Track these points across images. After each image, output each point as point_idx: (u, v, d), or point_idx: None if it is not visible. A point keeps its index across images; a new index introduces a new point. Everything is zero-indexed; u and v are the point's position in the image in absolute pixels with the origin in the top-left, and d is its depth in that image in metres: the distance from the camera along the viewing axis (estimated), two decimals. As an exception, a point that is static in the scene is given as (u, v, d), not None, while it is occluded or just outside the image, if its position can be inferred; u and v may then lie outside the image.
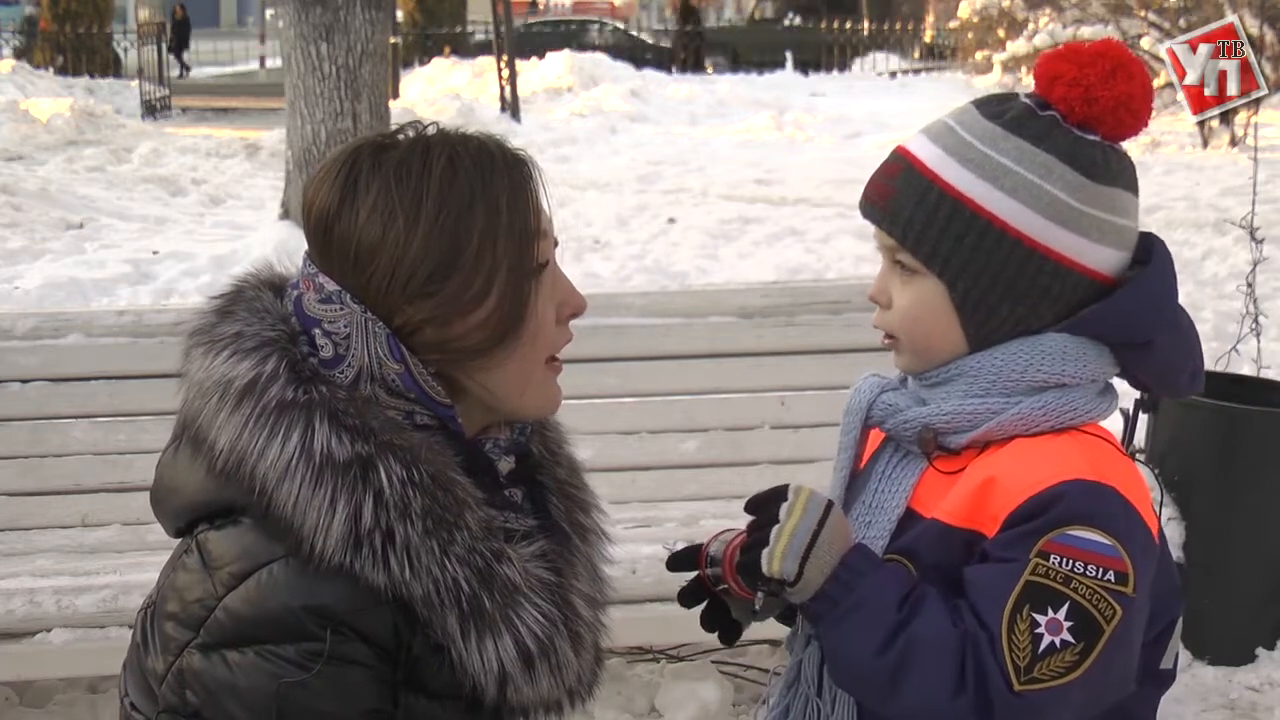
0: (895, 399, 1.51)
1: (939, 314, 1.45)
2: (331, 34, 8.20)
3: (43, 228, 9.60)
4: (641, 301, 3.63)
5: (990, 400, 1.43)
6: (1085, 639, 1.32)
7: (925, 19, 32.84)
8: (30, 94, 16.92)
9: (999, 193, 1.41)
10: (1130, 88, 1.43)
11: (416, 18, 29.00)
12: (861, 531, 1.49)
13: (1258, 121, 6.47)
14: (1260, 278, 4.35)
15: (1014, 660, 1.32)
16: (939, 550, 1.42)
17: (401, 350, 1.33)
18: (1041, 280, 1.42)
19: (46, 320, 3.45)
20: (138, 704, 1.40)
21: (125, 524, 3.30)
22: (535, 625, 1.35)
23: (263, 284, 1.43)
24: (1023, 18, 18.84)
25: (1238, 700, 3.50)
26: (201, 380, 1.35)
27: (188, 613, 1.32)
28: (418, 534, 1.29)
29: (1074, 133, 1.43)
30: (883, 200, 1.47)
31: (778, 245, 9.22)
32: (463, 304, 1.33)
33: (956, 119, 1.47)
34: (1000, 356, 1.43)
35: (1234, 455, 3.62)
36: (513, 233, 1.35)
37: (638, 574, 3.02)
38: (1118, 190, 1.44)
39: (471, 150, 1.36)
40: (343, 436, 1.29)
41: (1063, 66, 1.44)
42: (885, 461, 1.52)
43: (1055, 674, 1.32)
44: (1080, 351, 1.43)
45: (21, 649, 2.91)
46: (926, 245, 1.43)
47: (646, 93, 20.00)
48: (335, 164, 1.37)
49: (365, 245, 1.32)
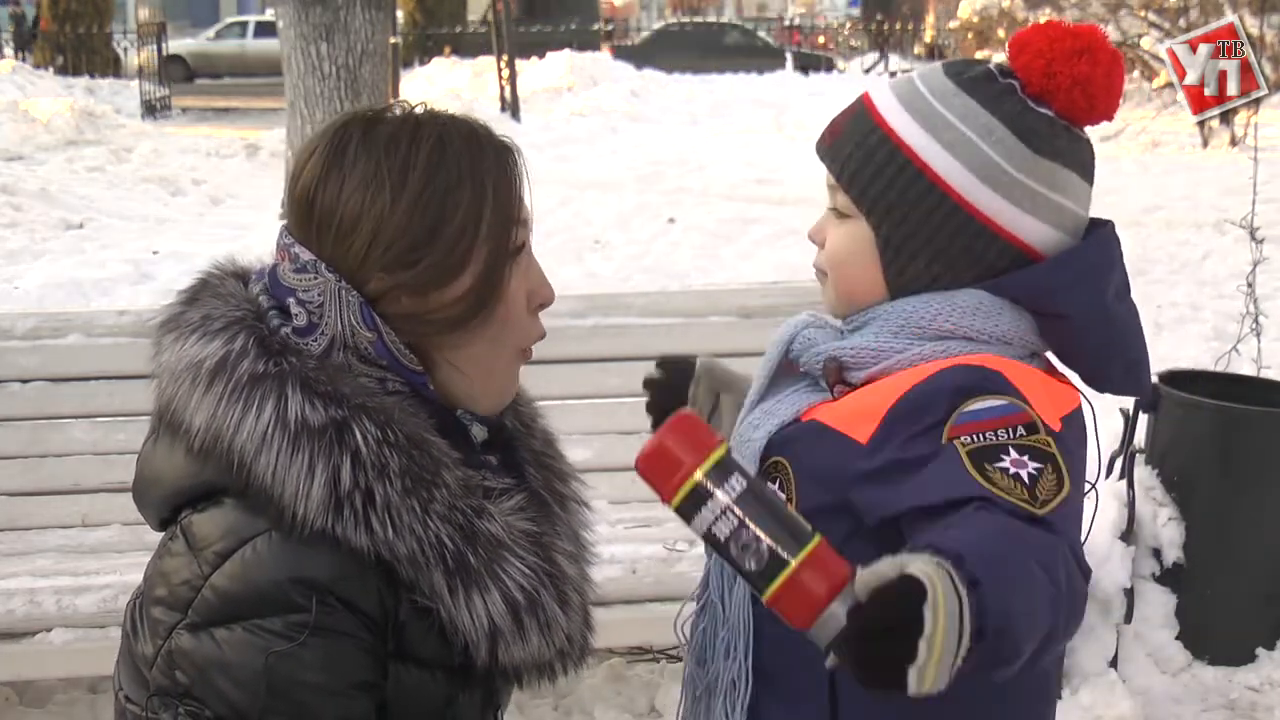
0: (814, 334, 1.52)
1: (863, 257, 1.46)
2: (331, 34, 8.20)
3: (43, 228, 9.61)
4: (641, 301, 3.63)
5: (896, 341, 1.43)
6: (1046, 461, 1.28)
7: (925, 19, 32.84)
8: (30, 94, 16.92)
9: (936, 145, 1.42)
10: (1092, 71, 1.42)
11: (416, 18, 29.02)
12: (748, 433, 1.49)
13: (1258, 121, 6.47)
14: (1260, 278, 4.35)
15: (1016, 498, 1.24)
16: (811, 449, 1.41)
17: (374, 318, 1.34)
18: (962, 239, 1.42)
19: (46, 320, 3.45)
20: (131, 695, 1.40)
21: (125, 524, 3.29)
22: (521, 578, 1.35)
23: (227, 274, 1.45)
24: (1023, 18, 18.83)
25: (1238, 700, 3.50)
26: (173, 365, 1.36)
27: (175, 595, 1.33)
28: (397, 493, 1.30)
29: (1026, 102, 1.43)
30: (831, 138, 1.50)
31: (778, 245, 9.23)
32: (440, 277, 1.34)
33: (920, 74, 1.49)
34: (914, 303, 1.44)
35: (1234, 455, 3.61)
36: (496, 214, 1.37)
37: (638, 574, 3.02)
38: (1058, 166, 1.43)
39: (461, 131, 1.38)
40: (315, 403, 1.30)
41: (1033, 37, 1.45)
42: (797, 387, 1.52)
43: (1053, 491, 1.26)
44: (994, 309, 1.42)
45: (21, 649, 2.91)
46: (858, 185, 1.45)
47: (646, 93, 20.02)
48: (324, 137, 1.38)
49: (349, 214, 1.33)
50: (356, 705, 1.31)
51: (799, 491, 1.42)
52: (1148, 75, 15.88)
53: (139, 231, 9.79)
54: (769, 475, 1.44)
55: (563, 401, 3.36)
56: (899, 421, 1.34)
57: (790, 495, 1.42)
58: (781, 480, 1.44)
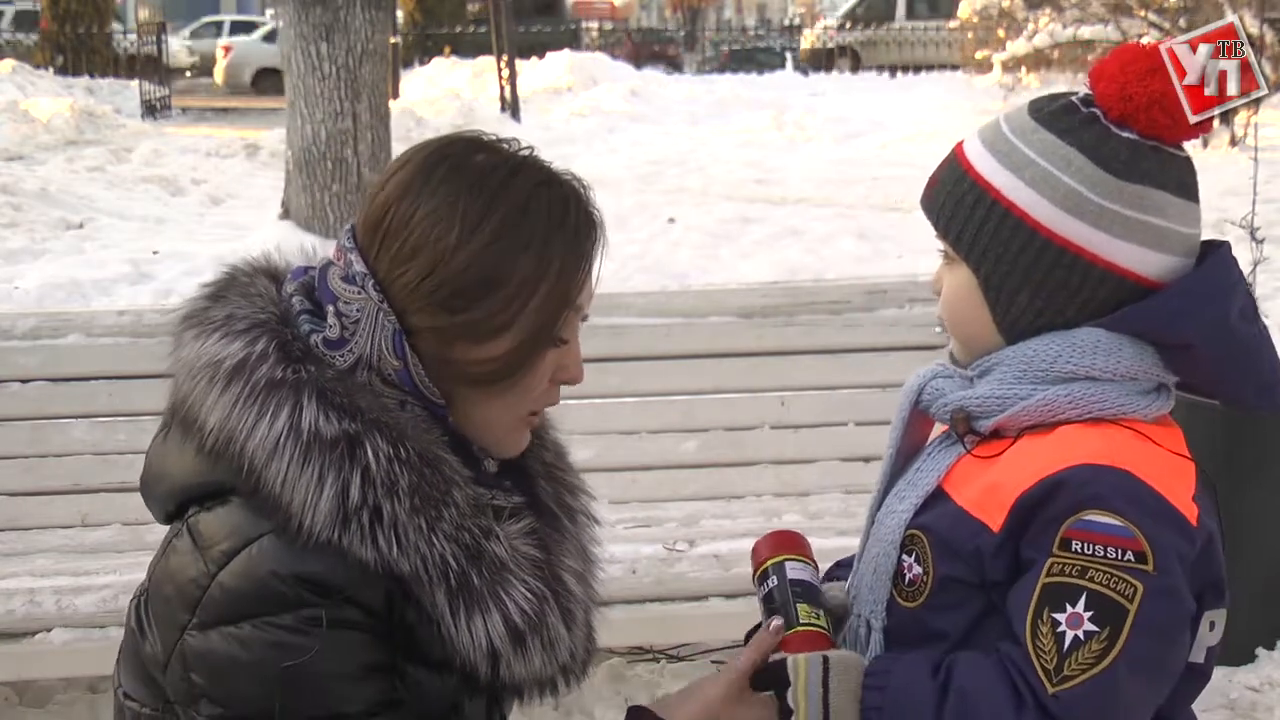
0: (942, 384, 1.55)
1: (971, 301, 1.50)
2: (331, 34, 8.20)
3: (43, 228, 9.61)
4: (641, 301, 3.63)
5: (1019, 387, 1.46)
6: (1109, 624, 1.34)
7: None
8: (30, 94, 16.92)
9: (1019, 182, 1.44)
10: (1166, 87, 1.44)
11: (416, 18, 29.02)
12: (893, 505, 1.53)
13: (1258, 121, 6.48)
14: (1260, 278, 4.35)
15: (1042, 665, 1.35)
16: (950, 530, 1.45)
17: (405, 349, 1.33)
18: (1058, 271, 1.44)
19: (46, 320, 3.45)
20: (132, 692, 1.40)
21: (125, 524, 3.29)
22: (524, 602, 1.35)
23: (257, 270, 1.44)
24: (1023, 17, 18.83)
25: (1238, 700, 3.50)
26: (191, 361, 1.35)
27: (182, 594, 1.33)
28: (405, 511, 1.30)
29: (1108, 129, 1.45)
30: (930, 191, 1.54)
31: (778, 245, 9.23)
32: (474, 334, 1.33)
33: (1006, 114, 1.53)
34: (1033, 346, 1.46)
35: (1234, 455, 3.61)
36: (551, 296, 1.34)
37: (638, 574, 3.02)
38: (1147, 189, 1.43)
39: (554, 194, 1.35)
40: (330, 414, 1.30)
41: (1107, 64, 1.47)
42: (934, 444, 1.56)
43: (1086, 666, 1.34)
44: (1114, 346, 1.44)
45: (21, 649, 2.90)
46: (954, 231, 1.49)
47: (646, 93, 20.02)
48: (422, 150, 1.37)
49: (413, 241, 1.32)
50: (375, 686, 1.31)
51: (934, 562, 1.46)
52: (1148, 75, 15.87)
53: (139, 231, 9.78)
54: (907, 547, 1.50)
55: (563, 401, 3.36)
56: (1026, 510, 1.39)
57: (926, 566, 1.47)
58: (918, 552, 1.48)
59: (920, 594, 1.47)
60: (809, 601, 1.54)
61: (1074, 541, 1.36)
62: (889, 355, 3.51)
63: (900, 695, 1.41)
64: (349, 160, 8.34)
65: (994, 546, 1.41)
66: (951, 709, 1.37)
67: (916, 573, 1.47)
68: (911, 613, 1.48)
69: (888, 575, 1.50)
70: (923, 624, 1.47)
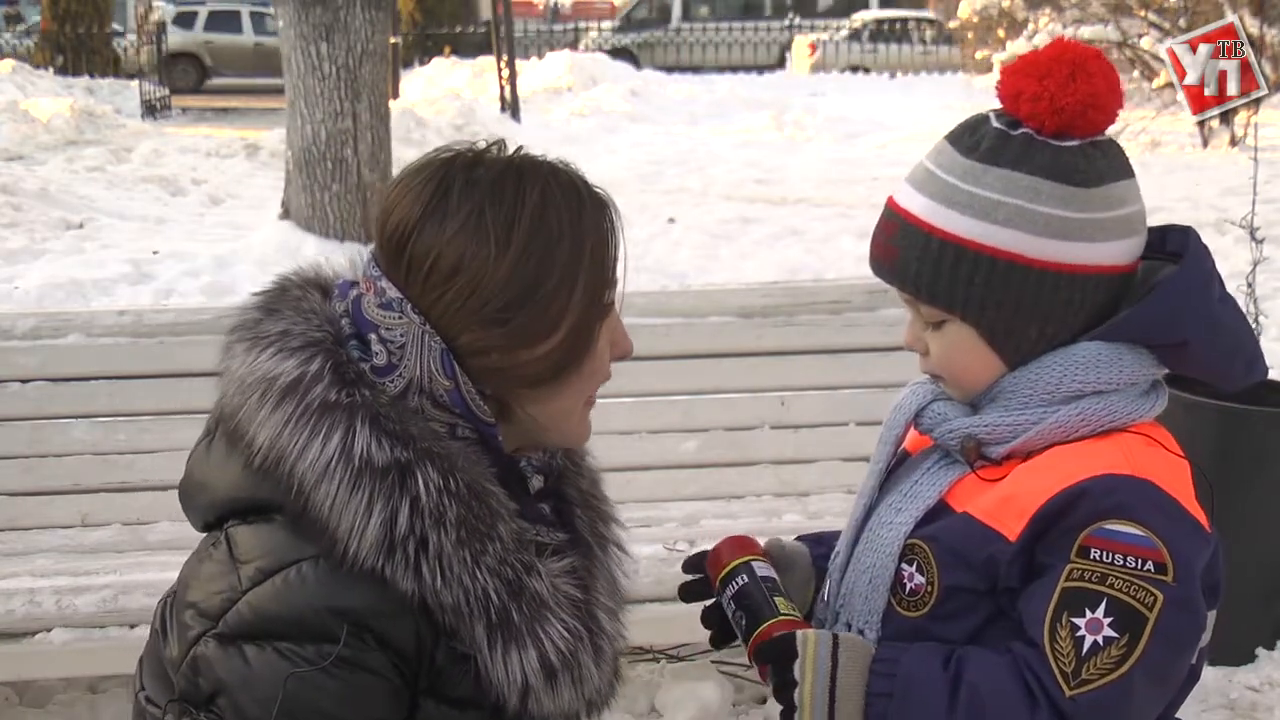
0: (945, 409, 1.54)
1: (974, 351, 1.49)
2: (331, 34, 8.20)
3: (43, 228, 9.60)
4: (641, 301, 3.62)
5: (1029, 412, 1.46)
6: (1129, 630, 1.35)
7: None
8: (30, 94, 16.91)
9: (994, 227, 1.43)
10: (1092, 85, 1.43)
11: (416, 18, 29.01)
12: (889, 516, 1.53)
13: (1258, 121, 6.48)
14: (1260, 278, 4.34)
15: (1060, 668, 1.36)
16: (959, 538, 1.45)
17: (454, 368, 1.33)
18: (1060, 295, 1.44)
19: (46, 320, 3.45)
20: (153, 696, 1.40)
21: (125, 524, 3.30)
22: (560, 640, 1.36)
23: (308, 283, 1.43)
24: (1023, 18, 18.82)
25: (1238, 700, 3.50)
26: (243, 376, 1.34)
27: (209, 602, 1.33)
28: (451, 543, 1.29)
29: (1051, 145, 1.43)
30: (889, 260, 1.50)
31: (778, 245, 9.23)
32: (530, 336, 1.33)
33: (935, 161, 1.49)
34: (1036, 370, 1.46)
35: (1233, 455, 3.61)
36: (592, 275, 1.36)
37: (638, 574, 3.01)
38: (1109, 186, 1.45)
39: (563, 184, 1.37)
40: (383, 441, 1.29)
41: (1022, 83, 1.44)
42: (932, 460, 1.55)
43: (1104, 671, 1.35)
44: (1114, 357, 1.45)
45: (21, 649, 2.90)
46: (942, 295, 1.46)
47: (646, 93, 20.01)
48: (422, 174, 1.35)
49: (446, 262, 1.31)
50: None
51: (940, 571, 1.46)
52: (1148, 75, 15.87)
53: (139, 231, 9.78)
54: (907, 557, 1.49)
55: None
56: (1046, 520, 1.40)
57: (930, 575, 1.47)
58: (919, 561, 1.48)
59: (924, 604, 1.47)
60: (783, 596, 1.57)
61: (1093, 549, 1.36)
62: (889, 355, 3.50)
63: (910, 684, 1.41)
64: (349, 160, 8.34)
65: (1010, 554, 1.42)
66: (964, 702, 1.38)
67: (919, 582, 1.48)
68: (913, 622, 1.48)
69: (885, 585, 1.50)
70: (925, 634, 1.47)
